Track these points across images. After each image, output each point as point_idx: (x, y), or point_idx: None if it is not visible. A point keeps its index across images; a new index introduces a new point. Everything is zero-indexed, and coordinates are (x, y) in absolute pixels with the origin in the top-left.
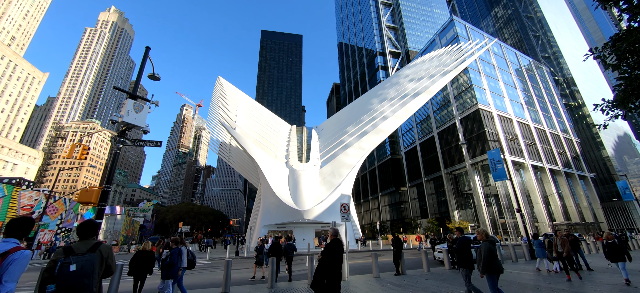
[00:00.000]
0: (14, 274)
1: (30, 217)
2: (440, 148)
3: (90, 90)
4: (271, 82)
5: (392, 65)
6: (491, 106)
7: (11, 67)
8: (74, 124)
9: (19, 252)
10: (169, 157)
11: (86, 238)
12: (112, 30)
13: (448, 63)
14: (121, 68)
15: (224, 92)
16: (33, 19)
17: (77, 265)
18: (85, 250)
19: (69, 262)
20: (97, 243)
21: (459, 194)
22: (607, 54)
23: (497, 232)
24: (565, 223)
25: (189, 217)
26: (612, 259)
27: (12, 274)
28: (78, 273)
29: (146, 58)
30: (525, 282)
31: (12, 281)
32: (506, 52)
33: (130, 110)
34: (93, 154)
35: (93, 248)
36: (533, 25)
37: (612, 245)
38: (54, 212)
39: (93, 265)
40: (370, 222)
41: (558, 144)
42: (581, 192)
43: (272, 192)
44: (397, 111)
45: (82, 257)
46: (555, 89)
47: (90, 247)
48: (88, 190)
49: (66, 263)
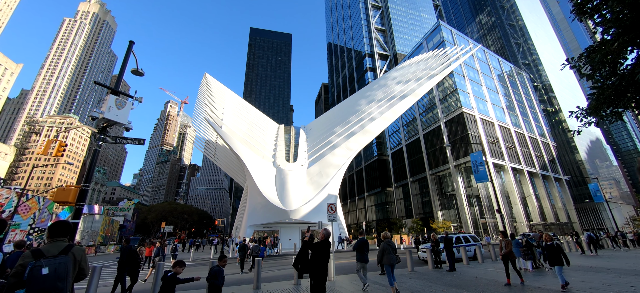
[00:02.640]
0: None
1: (2, 219)
2: (425, 150)
3: (68, 84)
4: (259, 81)
5: (381, 67)
6: (474, 110)
7: None
8: (50, 118)
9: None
10: (151, 155)
11: (57, 239)
12: (93, 21)
13: (434, 67)
14: (102, 61)
15: (211, 90)
16: (6, 7)
17: (50, 268)
18: (56, 253)
19: (40, 265)
20: (69, 246)
21: (443, 195)
22: (582, 64)
23: (478, 232)
24: (542, 224)
25: (172, 217)
26: (550, 263)
27: None
28: (51, 277)
29: (129, 53)
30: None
31: None
32: (489, 57)
33: (112, 106)
34: (70, 151)
35: (65, 250)
36: (515, 33)
37: (549, 247)
38: (27, 211)
39: (67, 268)
40: (356, 221)
41: (536, 148)
42: (556, 193)
43: (258, 192)
44: (384, 112)
45: (55, 260)
46: (534, 95)
47: (62, 250)
48: (65, 189)
49: (37, 266)
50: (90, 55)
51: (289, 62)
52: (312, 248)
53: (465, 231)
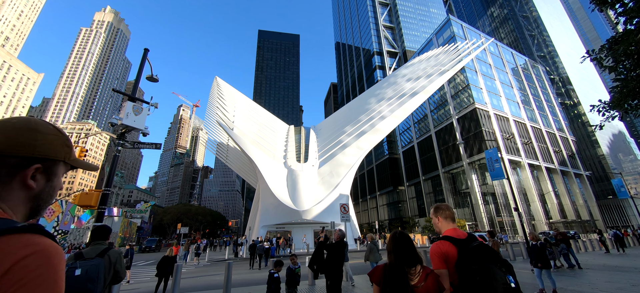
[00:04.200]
0: None
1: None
2: (437, 148)
3: (86, 91)
4: (268, 82)
5: (390, 64)
6: (488, 105)
7: (5, 67)
8: (70, 124)
9: None
10: (166, 158)
11: (97, 242)
12: (108, 30)
13: (445, 62)
14: (117, 68)
15: (222, 93)
16: (27, 19)
17: (82, 270)
18: (94, 255)
19: (74, 267)
20: (106, 248)
21: (457, 193)
22: (603, 56)
23: (495, 230)
24: (562, 221)
25: (187, 218)
26: (532, 264)
27: None
28: (82, 278)
29: (145, 60)
30: (523, 281)
31: None
32: (502, 51)
33: (130, 112)
34: (89, 156)
35: (102, 253)
36: (529, 25)
37: (533, 248)
38: (51, 214)
39: (98, 269)
40: (369, 221)
41: (554, 143)
42: (577, 189)
43: (270, 193)
44: (394, 111)
45: (88, 262)
46: (551, 88)
47: (99, 252)
48: (88, 193)
49: (72, 267)
50: (106, 62)
51: (297, 62)
52: (328, 249)
53: (481, 230)
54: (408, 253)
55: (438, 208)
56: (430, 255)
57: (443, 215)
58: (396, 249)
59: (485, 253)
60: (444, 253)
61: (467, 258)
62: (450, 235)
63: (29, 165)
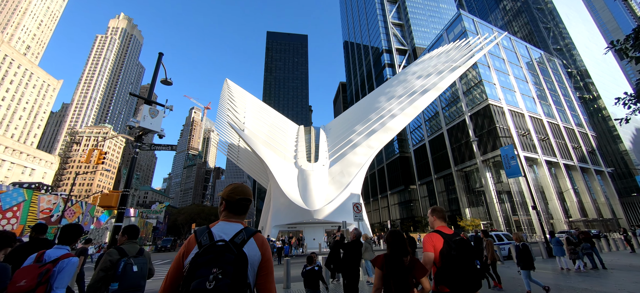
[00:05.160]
0: (63, 281)
1: (79, 224)
2: (449, 146)
3: (103, 96)
4: (278, 83)
5: (399, 62)
6: (502, 101)
7: (27, 75)
8: (88, 129)
9: (67, 259)
10: (179, 160)
11: (133, 241)
12: (122, 36)
13: (456, 58)
14: (131, 73)
15: (232, 94)
16: (47, 28)
17: (137, 267)
18: (135, 253)
19: (131, 263)
20: (142, 249)
21: (470, 191)
22: (629, 46)
23: (510, 230)
24: (582, 220)
25: (200, 218)
26: (518, 264)
27: (62, 281)
28: (138, 275)
29: (159, 64)
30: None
31: (62, 287)
32: (516, 45)
33: (146, 115)
34: (107, 158)
35: (141, 252)
36: (543, 17)
37: (516, 249)
38: (72, 215)
39: (147, 267)
40: (380, 220)
41: (572, 138)
42: (598, 187)
43: (281, 193)
44: (405, 109)
45: (139, 259)
46: (569, 82)
47: (138, 251)
48: (108, 194)
49: (129, 263)
50: (120, 68)
51: (305, 63)
52: (344, 248)
53: (497, 229)
54: (401, 246)
55: (434, 210)
56: (423, 242)
57: (437, 216)
58: (393, 243)
59: (463, 245)
60: (433, 242)
61: (450, 247)
62: (440, 230)
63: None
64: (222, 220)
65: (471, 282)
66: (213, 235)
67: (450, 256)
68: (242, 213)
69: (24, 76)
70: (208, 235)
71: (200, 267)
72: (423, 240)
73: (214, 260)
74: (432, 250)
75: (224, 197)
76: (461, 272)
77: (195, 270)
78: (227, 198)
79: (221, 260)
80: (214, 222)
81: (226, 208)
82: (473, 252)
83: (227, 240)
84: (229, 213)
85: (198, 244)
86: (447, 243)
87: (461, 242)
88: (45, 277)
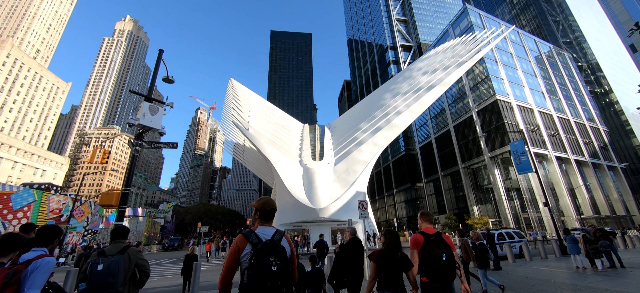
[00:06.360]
0: (36, 281)
1: (56, 225)
2: (456, 142)
3: (110, 98)
4: (282, 82)
5: (404, 59)
6: (510, 96)
7: (37, 78)
8: (97, 130)
9: (41, 259)
10: (186, 160)
11: (117, 241)
12: (128, 38)
13: (463, 53)
14: (138, 75)
15: (237, 94)
16: (55, 32)
17: (103, 265)
18: (115, 253)
19: (97, 262)
20: (126, 247)
21: (478, 189)
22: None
23: (520, 227)
24: (594, 217)
25: (207, 217)
26: (477, 265)
27: (34, 281)
28: (104, 273)
29: (159, 60)
30: (561, 281)
31: (35, 288)
32: (524, 39)
33: (146, 112)
34: (115, 159)
35: (122, 251)
36: (552, 10)
37: (473, 248)
38: (81, 215)
39: (118, 265)
40: (386, 219)
41: (584, 134)
42: (611, 183)
43: (287, 191)
44: (410, 105)
45: (109, 258)
46: (579, 76)
47: (119, 250)
48: (108, 193)
49: (95, 263)
50: (127, 70)
51: (310, 61)
52: (345, 252)
53: (506, 226)
54: (395, 243)
55: (422, 214)
56: (409, 241)
57: (424, 219)
58: (388, 240)
59: (436, 241)
60: (416, 241)
61: (425, 244)
62: (424, 230)
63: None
64: (260, 225)
65: (443, 274)
66: (259, 236)
67: (425, 251)
68: (271, 219)
69: (34, 79)
70: (255, 236)
71: (263, 257)
72: (410, 240)
73: (271, 252)
74: (414, 247)
75: (258, 208)
76: (432, 264)
77: (260, 259)
78: (261, 209)
79: (275, 252)
80: (254, 226)
81: (260, 217)
82: (443, 246)
83: (269, 239)
84: (263, 220)
85: (250, 242)
86: (425, 242)
87: (434, 239)
88: (14, 278)
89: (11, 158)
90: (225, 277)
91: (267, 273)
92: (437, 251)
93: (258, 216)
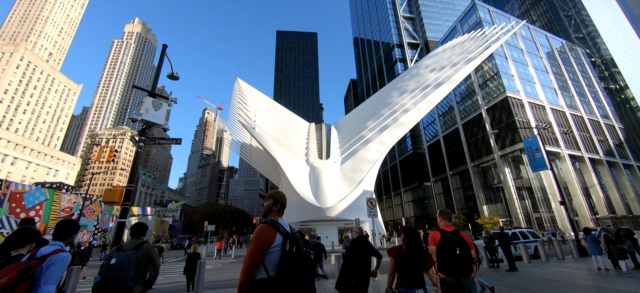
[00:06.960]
0: (52, 276)
1: (74, 220)
2: (465, 141)
3: (120, 99)
4: (288, 81)
5: (411, 56)
6: (521, 93)
7: (50, 80)
8: (107, 131)
9: (57, 254)
10: (193, 160)
11: (136, 237)
12: (137, 40)
13: (471, 50)
14: (147, 76)
15: (243, 94)
16: (67, 35)
17: (116, 259)
18: (130, 248)
19: (111, 256)
20: (141, 243)
21: (488, 188)
22: None
23: (531, 227)
24: (610, 217)
25: (215, 217)
26: None
27: (50, 276)
28: (116, 267)
29: (163, 56)
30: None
31: (51, 283)
32: (535, 34)
33: (149, 108)
34: (124, 158)
35: (137, 247)
36: (564, 5)
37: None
38: (91, 213)
39: (130, 260)
40: (394, 218)
41: (598, 131)
42: (627, 182)
43: (293, 190)
44: (418, 103)
45: (122, 253)
46: (593, 72)
47: (134, 246)
48: (111, 189)
49: (110, 257)
50: (136, 71)
51: (315, 60)
52: (354, 249)
53: (518, 226)
54: (416, 239)
55: (441, 211)
56: (428, 238)
57: (443, 216)
58: (409, 237)
59: (452, 238)
60: (434, 238)
61: (442, 240)
62: (442, 228)
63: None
64: (280, 218)
65: (457, 268)
66: (284, 227)
67: (440, 247)
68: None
69: (47, 81)
70: (283, 228)
71: (302, 246)
72: (429, 237)
73: (303, 242)
74: (433, 243)
75: (279, 200)
76: (448, 259)
77: (299, 248)
78: (282, 202)
79: (303, 242)
80: (274, 218)
81: (279, 210)
82: (459, 242)
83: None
84: (280, 213)
85: (279, 233)
86: (442, 238)
87: (451, 236)
88: (28, 274)
89: (25, 158)
90: (252, 268)
91: (308, 261)
92: (453, 247)
93: (278, 208)
